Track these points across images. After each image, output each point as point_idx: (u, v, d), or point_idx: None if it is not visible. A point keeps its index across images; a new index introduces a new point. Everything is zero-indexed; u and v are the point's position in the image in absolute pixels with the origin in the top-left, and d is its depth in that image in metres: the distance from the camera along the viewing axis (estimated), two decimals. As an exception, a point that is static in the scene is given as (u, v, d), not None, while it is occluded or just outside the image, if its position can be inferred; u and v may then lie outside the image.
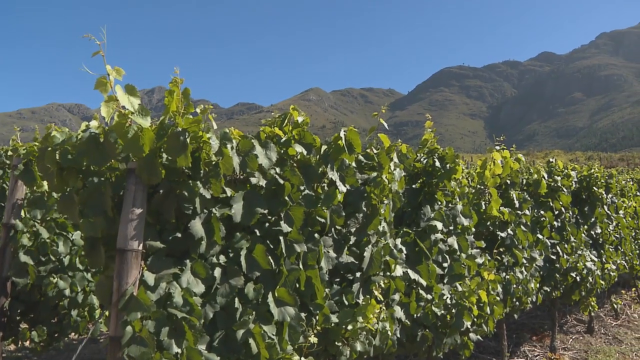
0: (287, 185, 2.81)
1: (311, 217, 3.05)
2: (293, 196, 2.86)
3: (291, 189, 2.84)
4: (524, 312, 7.91)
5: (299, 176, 2.88)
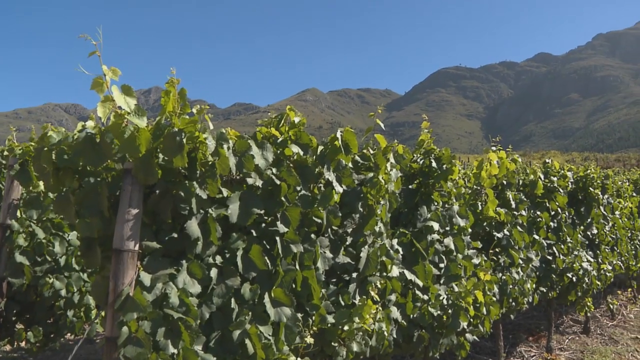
0: (283, 186, 2.81)
1: (307, 218, 3.05)
2: (289, 197, 2.86)
3: (287, 190, 2.84)
4: (520, 312, 7.93)
5: (295, 177, 2.88)
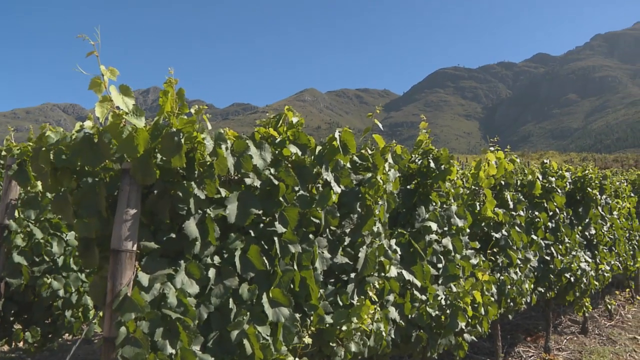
0: (281, 186, 2.81)
1: (306, 218, 3.05)
2: (287, 197, 2.86)
3: (286, 190, 2.84)
4: (518, 312, 7.93)
5: (293, 177, 2.88)
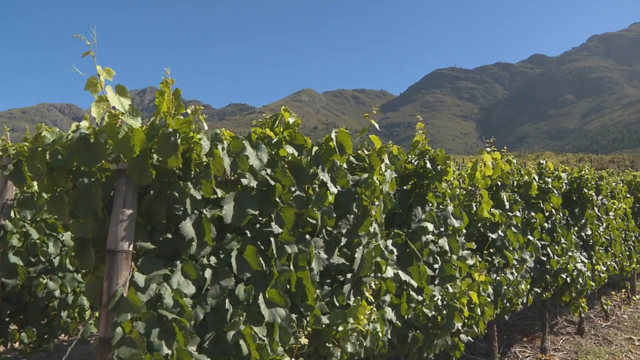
0: (278, 187, 2.81)
1: (302, 218, 3.05)
2: (284, 197, 2.86)
3: (282, 190, 2.84)
4: (514, 313, 7.95)
5: (290, 177, 2.88)
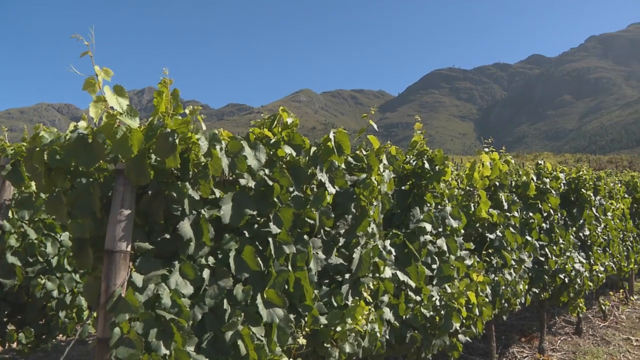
0: (276, 187, 2.81)
1: (300, 219, 3.05)
2: (282, 197, 2.86)
3: (280, 191, 2.84)
4: (512, 313, 7.95)
5: (288, 177, 2.88)
